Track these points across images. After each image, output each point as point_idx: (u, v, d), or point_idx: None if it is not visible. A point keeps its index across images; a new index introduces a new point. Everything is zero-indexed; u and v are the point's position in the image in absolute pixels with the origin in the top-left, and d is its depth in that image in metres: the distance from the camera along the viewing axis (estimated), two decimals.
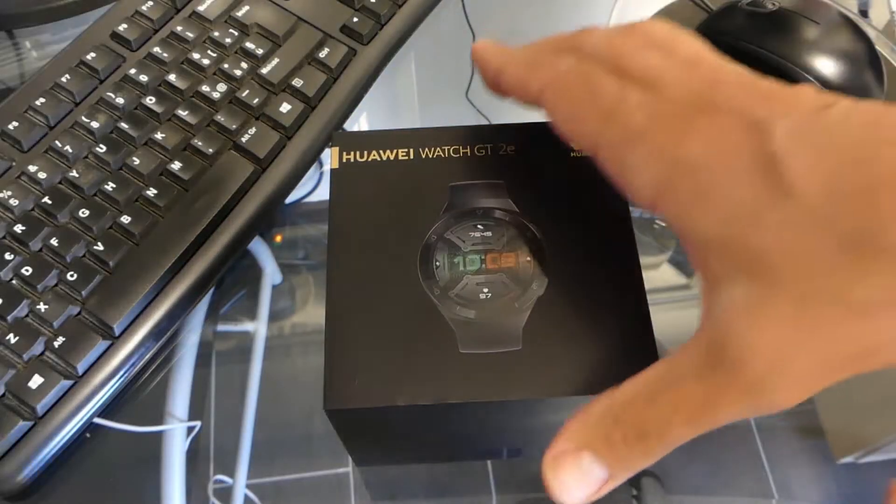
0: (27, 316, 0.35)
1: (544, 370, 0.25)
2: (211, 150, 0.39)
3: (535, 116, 0.30)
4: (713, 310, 0.21)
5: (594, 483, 0.23)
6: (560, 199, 0.28)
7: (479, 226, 0.27)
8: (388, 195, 0.28)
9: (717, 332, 0.21)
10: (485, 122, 0.47)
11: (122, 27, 0.42)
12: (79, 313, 0.35)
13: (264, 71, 0.42)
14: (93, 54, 0.41)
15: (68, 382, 0.34)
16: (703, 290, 0.22)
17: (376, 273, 0.26)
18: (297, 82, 0.42)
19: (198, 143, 0.39)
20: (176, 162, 0.38)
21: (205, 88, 0.41)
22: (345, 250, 0.27)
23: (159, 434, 0.36)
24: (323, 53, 0.43)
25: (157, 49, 0.42)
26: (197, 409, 0.37)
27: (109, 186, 0.37)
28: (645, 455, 0.22)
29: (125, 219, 0.37)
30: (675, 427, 0.21)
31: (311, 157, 0.41)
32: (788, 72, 0.44)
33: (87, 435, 0.35)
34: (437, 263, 0.27)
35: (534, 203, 0.28)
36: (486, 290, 0.26)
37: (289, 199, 0.42)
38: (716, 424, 0.21)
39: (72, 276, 0.35)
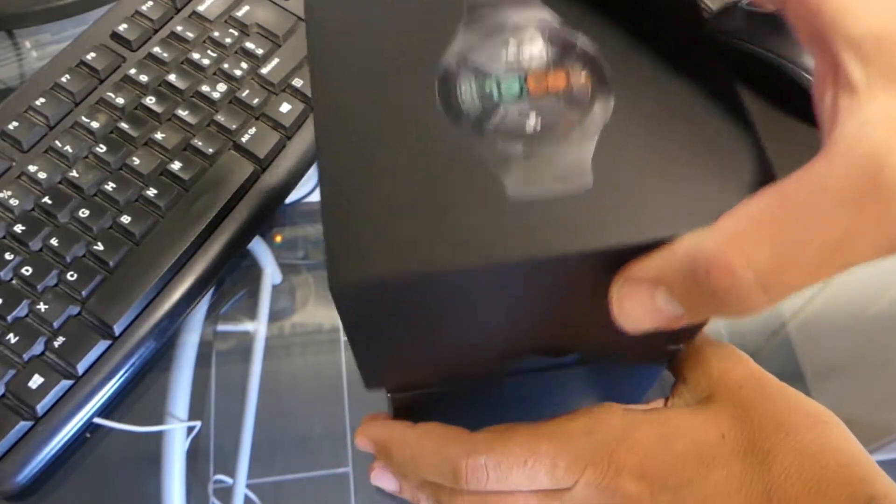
0: (27, 316, 0.35)
1: (630, 210, 0.19)
2: (211, 150, 0.39)
3: None
4: (852, 124, 0.17)
5: (665, 319, 0.19)
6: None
7: (510, 40, 0.21)
8: (384, 12, 0.21)
9: (863, 151, 0.16)
10: None
11: (122, 27, 0.42)
12: (79, 313, 0.35)
13: (264, 71, 0.42)
14: (93, 54, 0.41)
15: (68, 382, 0.34)
16: (833, 100, 0.18)
17: (383, 112, 0.20)
18: (297, 82, 0.42)
19: (198, 143, 0.39)
20: (176, 162, 0.38)
21: (205, 88, 0.41)
22: (336, 88, 0.20)
23: (159, 434, 0.36)
24: None
25: (157, 49, 0.42)
26: (197, 409, 0.37)
27: (109, 186, 0.37)
28: (744, 308, 0.18)
29: (125, 219, 0.37)
30: (793, 274, 0.17)
31: (311, 157, 0.41)
32: (788, 72, 0.44)
33: (87, 435, 0.35)
34: (463, 93, 0.20)
35: (576, 5, 0.22)
36: (532, 120, 0.20)
37: (289, 199, 0.42)
38: (849, 267, 0.17)
39: (72, 276, 0.35)
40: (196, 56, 0.42)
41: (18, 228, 0.36)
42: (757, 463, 0.23)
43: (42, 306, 0.34)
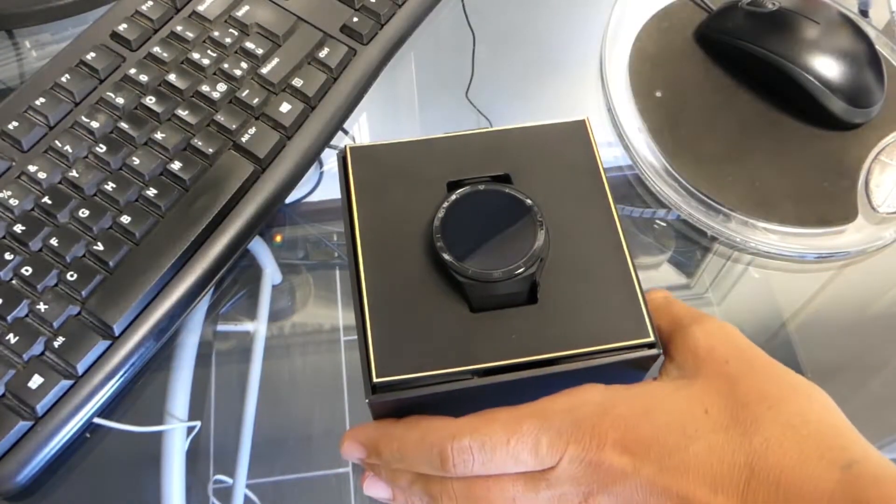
0: (27, 316, 0.35)
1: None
2: (211, 150, 0.39)
3: (533, 119, 0.30)
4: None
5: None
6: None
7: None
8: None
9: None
10: (485, 122, 0.47)
11: (122, 27, 0.42)
12: (79, 313, 0.35)
13: (264, 71, 0.42)
14: (93, 54, 0.41)
15: (68, 382, 0.34)
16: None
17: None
18: (297, 82, 0.42)
19: (198, 143, 0.39)
20: (176, 162, 0.38)
21: (205, 88, 0.41)
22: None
23: (159, 434, 0.36)
24: (323, 53, 0.43)
25: (157, 49, 0.42)
26: (197, 409, 0.37)
27: (109, 186, 0.37)
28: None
29: (125, 219, 0.37)
30: None
31: (311, 157, 0.41)
32: (788, 72, 0.44)
33: (87, 435, 0.35)
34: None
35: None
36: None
37: (289, 199, 0.42)
38: None
39: (72, 276, 0.35)
40: (196, 56, 0.42)
41: (18, 228, 0.36)
42: (739, 434, 0.24)
43: (42, 306, 0.34)
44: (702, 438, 0.24)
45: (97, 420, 0.35)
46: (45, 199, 0.37)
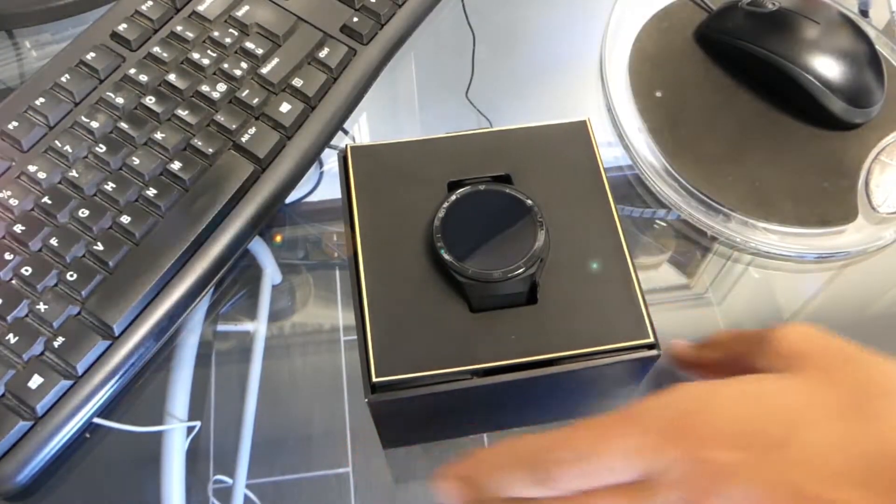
0: (27, 316, 0.35)
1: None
2: (211, 150, 0.39)
3: (533, 119, 0.30)
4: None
5: None
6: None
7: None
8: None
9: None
10: (485, 122, 0.47)
11: (122, 27, 0.42)
12: (79, 313, 0.35)
13: (264, 71, 0.42)
14: (93, 54, 0.41)
15: (68, 382, 0.34)
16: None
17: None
18: (297, 82, 0.42)
19: (198, 143, 0.39)
20: (176, 162, 0.38)
21: (205, 88, 0.41)
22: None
23: (159, 434, 0.36)
24: (323, 53, 0.43)
25: (156, 49, 0.42)
26: (197, 409, 0.37)
27: (109, 186, 0.37)
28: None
29: (125, 219, 0.37)
30: None
31: (311, 157, 0.41)
32: (788, 72, 0.44)
33: (87, 435, 0.35)
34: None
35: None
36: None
37: (289, 199, 0.42)
38: None
39: (72, 276, 0.35)
40: (196, 56, 0.42)
41: (18, 228, 0.36)
42: (858, 422, 0.23)
43: (42, 306, 0.34)
44: (812, 428, 0.23)
45: (97, 420, 0.35)
46: (45, 199, 0.37)
